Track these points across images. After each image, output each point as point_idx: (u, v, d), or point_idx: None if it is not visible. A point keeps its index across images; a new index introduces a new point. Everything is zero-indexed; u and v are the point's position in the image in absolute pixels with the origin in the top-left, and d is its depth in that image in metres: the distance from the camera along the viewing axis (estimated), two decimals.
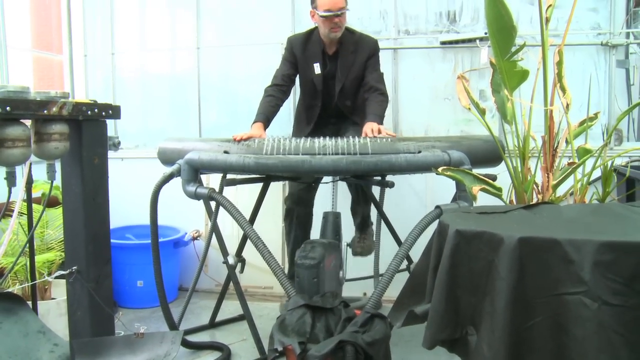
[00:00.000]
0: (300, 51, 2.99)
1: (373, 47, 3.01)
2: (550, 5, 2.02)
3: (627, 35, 3.25)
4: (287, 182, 3.28)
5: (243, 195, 3.42)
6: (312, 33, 3.01)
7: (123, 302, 3.52)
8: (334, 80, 3.01)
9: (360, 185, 2.98)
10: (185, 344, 2.71)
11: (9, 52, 3.66)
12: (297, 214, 3.03)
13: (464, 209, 2.11)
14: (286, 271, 3.01)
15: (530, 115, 2.14)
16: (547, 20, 2.04)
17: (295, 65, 3.03)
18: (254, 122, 2.83)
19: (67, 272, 2.13)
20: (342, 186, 3.13)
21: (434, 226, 1.71)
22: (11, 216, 2.07)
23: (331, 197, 3.01)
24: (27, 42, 4.76)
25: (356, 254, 3.20)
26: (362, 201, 3.12)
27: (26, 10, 4.79)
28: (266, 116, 2.87)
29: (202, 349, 2.81)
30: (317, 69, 2.98)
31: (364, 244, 3.18)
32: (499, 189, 2.01)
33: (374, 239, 3.13)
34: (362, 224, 3.20)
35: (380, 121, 2.77)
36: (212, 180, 3.56)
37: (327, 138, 2.44)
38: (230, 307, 3.27)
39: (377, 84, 2.95)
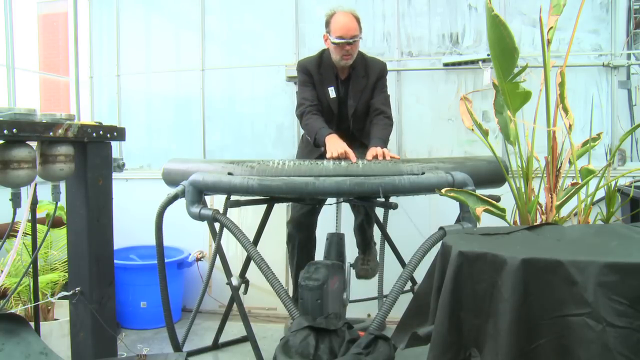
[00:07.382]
0: (316, 74, 2.95)
1: (382, 69, 3.00)
2: (551, 28, 2.03)
3: (628, 56, 3.28)
4: (290, 204, 3.27)
5: (247, 217, 3.43)
6: (322, 56, 2.98)
7: (126, 323, 3.51)
8: (346, 104, 2.99)
9: (365, 208, 2.97)
10: None
11: (16, 74, 3.71)
12: (299, 240, 3.00)
13: (467, 230, 2.10)
14: (290, 294, 2.98)
15: (533, 136, 2.14)
16: (549, 42, 2.05)
17: (315, 86, 2.97)
18: (326, 135, 2.70)
19: (71, 293, 2.14)
20: (346, 207, 3.12)
21: (437, 247, 1.71)
22: (16, 237, 2.08)
23: (335, 219, 3.00)
24: (35, 64, 4.83)
25: (360, 277, 3.17)
26: (366, 224, 3.10)
27: (34, 33, 4.87)
28: (329, 128, 2.79)
29: None
30: (332, 92, 2.95)
31: (368, 266, 3.15)
32: (503, 210, 2.00)
33: (378, 260, 3.11)
34: (365, 245, 3.19)
35: (384, 145, 2.74)
36: (216, 202, 3.57)
37: (331, 160, 2.45)
38: (234, 329, 3.26)
39: (383, 106, 2.94)
